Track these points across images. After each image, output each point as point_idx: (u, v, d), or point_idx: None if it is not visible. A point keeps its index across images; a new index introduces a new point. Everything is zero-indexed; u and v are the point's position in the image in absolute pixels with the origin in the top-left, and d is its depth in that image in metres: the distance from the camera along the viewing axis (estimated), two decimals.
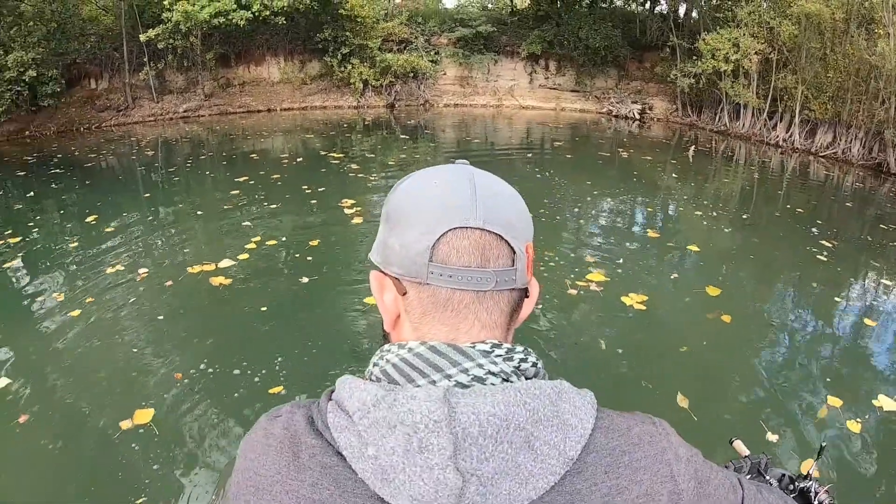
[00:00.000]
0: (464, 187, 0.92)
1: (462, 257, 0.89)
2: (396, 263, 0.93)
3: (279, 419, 0.91)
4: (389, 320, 0.99)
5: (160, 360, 6.03)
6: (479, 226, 0.89)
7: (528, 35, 23.76)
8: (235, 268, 8.08)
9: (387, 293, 0.97)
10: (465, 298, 0.90)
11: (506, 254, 0.91)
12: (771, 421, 4.98)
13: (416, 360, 0.87)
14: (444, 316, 0.91)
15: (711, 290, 7.29)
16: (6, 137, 18.80)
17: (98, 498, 4.26)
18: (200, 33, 21.07)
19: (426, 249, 0.89)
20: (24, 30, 19.35)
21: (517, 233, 0.93)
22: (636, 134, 20.12)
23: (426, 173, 0.99)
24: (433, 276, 0.89)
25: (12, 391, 5.51)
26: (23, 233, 9.77)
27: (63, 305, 7.20)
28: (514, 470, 0.79)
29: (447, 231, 0.89)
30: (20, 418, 5.09)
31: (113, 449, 4.75)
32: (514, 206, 0.97)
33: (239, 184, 12.50)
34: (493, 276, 0.89)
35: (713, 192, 12.95)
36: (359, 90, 23.38)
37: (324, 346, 6.10)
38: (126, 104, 21.64)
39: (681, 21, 22.32)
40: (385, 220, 0.98)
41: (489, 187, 0.95)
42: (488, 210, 0.90)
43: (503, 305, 0.94)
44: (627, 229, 10.11)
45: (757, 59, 17.92)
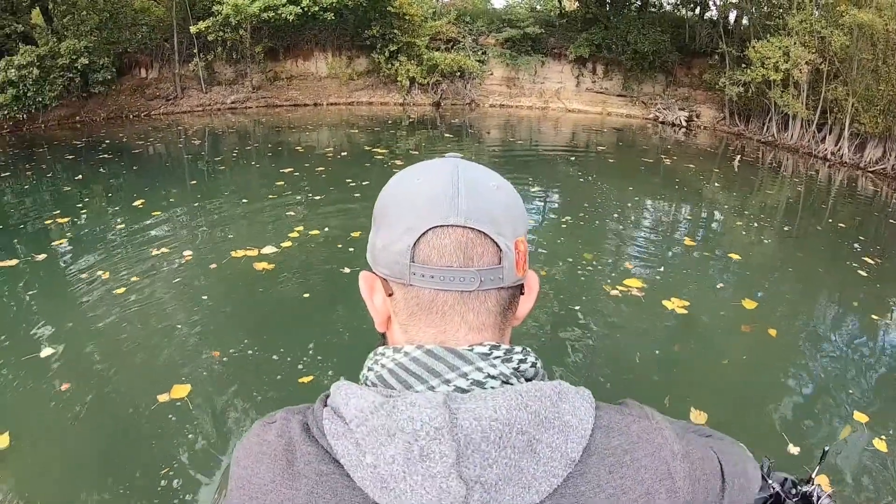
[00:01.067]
0: (446, 182, 0.88)
1: (443, 257, 0.85)
2: (382, 263, 0.91)
3: (273, 426, 0.88)
4: (380, 321, 0.97)
5: (200, 339, 6.12)
6: (460, 223, 0.85)
7: (576, 38, 23.52)
8: (278, 254, 8.11)
9: (376, 294, 0.95)
10: (449, 299, 0.87)
11: (491, 252, 0.87)
12: (793, 434, 4.86)
13: (412, 366, 0.85)
14: (429, 318, 0.88)
15: (748, 303, 7.11)
16: (57, 122, 19.19)
17: (130, 463, 4.39)
18: (250, 27, 21.26)
19: (407, 249, 0.86)
20: (78, 18, 19.80)
21: (504, 229, 0.88)
22: (682, 141, 19.83)
23: (412, 169, 0.95)
24: (415, 278, 0.86)
25: (56, 361, 5.66)
26: (71, 214, 9.95)
27: (108, 283, 7.31)
28: (517, 475, 0.77)
29: (428, 230, 0.85)
30: (62, 386, 5.25)
31: (149, 420, 4.87)
32: (503, 201, 0.91)
33: (284, 175, 12.56)
34: (476, 275, 0.85)
35: (757, 203, 12.71)
36: (405, 88, 23.38)
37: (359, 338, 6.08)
38: (175, 94, 21.97)
39: (731, 28, 21.79)
40: (373, 218, 0.96)
41: (475, 181, 0.90)
42: (471, 206, 0.86)
43: (491, 305, 0.89)
44: (668, 236, 9.96)
45: (807, 69, 17.36)
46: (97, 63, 19.21)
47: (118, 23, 21.02)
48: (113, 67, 20.02)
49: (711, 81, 20.90)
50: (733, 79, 19.36)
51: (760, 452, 2.06)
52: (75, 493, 4.18)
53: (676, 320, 6.76)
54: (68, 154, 15.06)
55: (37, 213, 10.49)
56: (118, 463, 4.42)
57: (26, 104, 17.70)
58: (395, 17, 22.31)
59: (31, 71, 17.37)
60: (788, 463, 4.46)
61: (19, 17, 19.06)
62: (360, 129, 19.34)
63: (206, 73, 22.37)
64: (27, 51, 17.68)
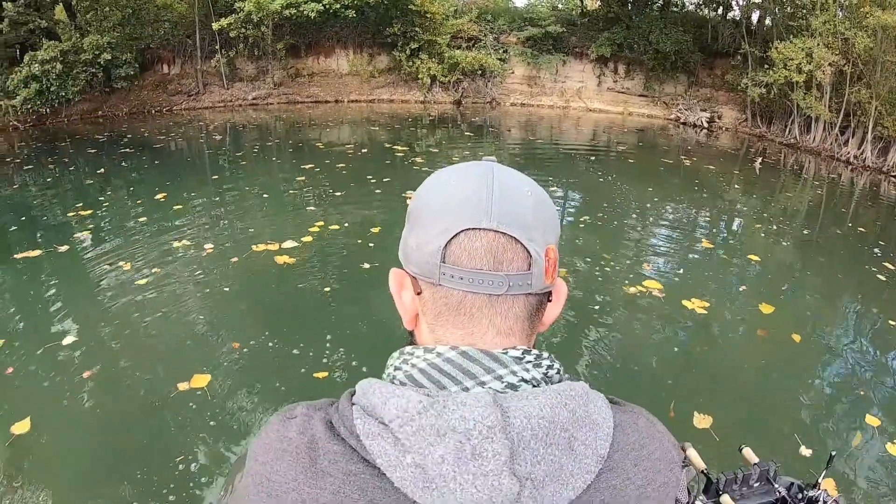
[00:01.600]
0: (481, 186, 0.89)
1: (474, 259, 0.86)
2: (414, 262, 0.91)
3: (294, 421, 0.87)
4: (408, 319, 0.97)
5: (221, 330, 6.16)
6: (492, 227, 0.86)
7: (598, 37, 23.34)
8: (299, 249, 8.12)
9: (405, 292, 0.95)
10: (477, 302, 0.87)
11: (521, 257, 0.87)
12: (806, 437, 4.78)
13: (446, 366, 0.85)
14: (457, 319, 0.89)
15: (765, 307, 7.00)
16: (80, 116, 19.35)
17: (148, 449, 4.46)
18: (272, 24, 21.34)
19: (438, 250, 0.86)
20: (101, 14, 20.02)
21: (536, 235, 0.88)
22: (703, 143, 19.66)
23: (449, 170, 0.96)
24: (445, 278, 0.87)
25: (78, 349, 5.72)
26: (93, 206, 10.01)
27: (130, 274, 7.37)
28: (558, 472, 0.78)
29: (460, 232, 0.86)
30: (84, 373, 5.32)
31: (168, 408, 4.92)
32: (535, 207, 0.91)
33: (304, 170, 12.59)
34: (505, 279, 0.86)
35: (777, 207, 12.55)
36: (426, 85, 23.35)
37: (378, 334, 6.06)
38: (197, 89, 22.09)
39: (753, 28, 21.51)
40: (407, 216, 0.97)
41: (508, 186, 0.90)
42: (504, 210, 0.87)
43: (518, 310, 0.90)
44: (687, 238, 9.83)
45: (830, 71, 17.10)
46: (120, 58, 19.39)
47: (141, 19, 21.24)
48: (135, 63, 20.22)
49: (734, 82, 20.66)
50: (756, 80, 19.12)
51: (772, 454, 2.02)
52: (93, 477, 4.23)
53: (694, 322, 6.68)
54: (90, 148, 15.16)
55: (59, 205, 10.58)
56: (136, 449, 4.46)
57: (49, 98, 17.87)
58: (416, 15, 22.29)
59: (55, 66, 17.52)
60: (801, 465, 4.42)
61: (43, 12, 19.25)
62: (380, 126, 19.34)
63: (227, 69, 22.48)
64: (50, 46, 17.83)
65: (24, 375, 5.31)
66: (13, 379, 5.26)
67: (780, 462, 1.84)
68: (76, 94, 18.41)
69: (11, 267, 7.71)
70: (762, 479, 2.14)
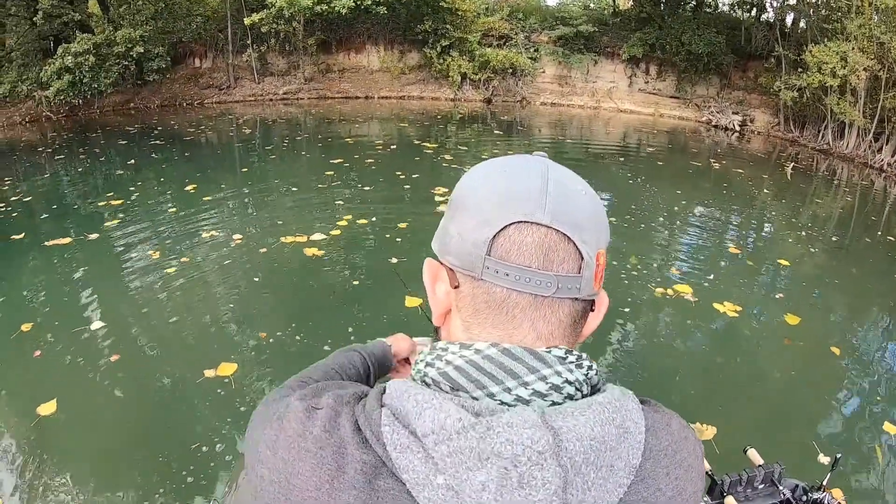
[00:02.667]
0: (534, 178, 0.83)
1: (523, 255, 0.79)
2: (453, 253, 0.85)
3: (319, 413, 0.80)
4: (439, 314, 0.91)
5: (248, 320, 6.15)
6: (545, 222, 0.79)
7: (630, 37, 23.11)
8: (327, 241, 8.09)
9: (439, 284, 0.89)
10: (521, 301, 0.81)
11: (572, 258, 0.81)
12: (826, 444, 4.68)
13: (487, 364, 0.78)
14: (497, 318, 0.82)
15: (792, 315, 6.83)
16: (112, 108, 19.64)
17: (171, 433, 4.50)
18: (303, 19, 21.39)
19: (485, 241, 0.80)
20: (133, 8, 20.32)
21: (588, 237, 0.82)
22: (734, 146, 19.36)
23: (499, 160, 0.90)
24: (488, 272, 0.80)
25: (107, 334, 5.77)
26: (123, 196, 10.07)
27: (159, 262, 7.42)
28: (603, 493, 0.73)
29: (510, 224, 0.80)
30: (112, 357, 5.35)
31: (193, 395, 4.94)
32: (590, 208, 0.85)
33: (333, 165, 12.57)
34: (554, 280, 0.79)
35: (808, 213, 12.27)
36: (456, 83, 23.30)
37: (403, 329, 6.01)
38: (228, 83, 22.24)
39: (787, 31, 21.12)
40: (449, 204, 0.91)
41: (563, 183, 0.85)
42: (558, 206, 0.80)
43: (562, 315, 0.83)
44: (715, 243, 9.59)
45: (865, 76, 16.77)
46: (152, 52, 19.61)
47: (173, 13, 21.50)
48: (167, 56, 20.46)
49: (767, 85, 20.34)
50: (789, 83, 18.82)
51: (786, 457, 1.95)
52: (115, 459, 4.25)
53: (720, 328, 6.53)
54: (121, 139, 15.34)
55: (90, 194, 10.69)
56: (159, 433, 4.50)
57: (82, 90, 18.13)
58: (447, 13, 22.29)
59: (88, 58, 17.74)
60: (818, 472, 4.34)
61: (76, 6, 19.46)
62: (409, 122, 19.33)
63: (259, 63, 22.61)
64: (83, 38, 18.07)
65: (51, 358, 5.36)
66: (41, 362, 5.31)
67: (784, 465, 1.76)
68: (108, 86, 18.67)
69: (42, 253, 7.79)
70: (767, 480, 2.12)
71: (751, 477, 2.05)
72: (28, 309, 6.33)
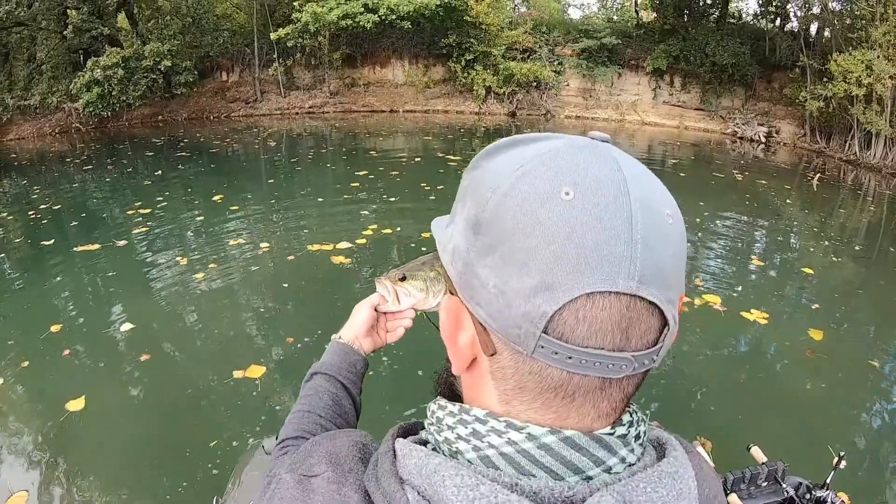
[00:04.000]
0: (617, 212, 0.59)
1: (594, 336, 0.58)
2: (486, 308, 0.63)
3: (314, 483, 0.71)
4: (462, 366, 0.70)
5: (275, 325, 6.19)
6: (630, 290, 0.58)
7: (654, 49, 23.03)
8: (353, 250, 8.10)
9: (463, 333, 0.69)
10: (585, 385, 0.62)
11: (654, 327, 0.61)
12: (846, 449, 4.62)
13: (545, 457, 0.62)
14: (550, 401, 0.63)
15: (815, 332, 6.67)
16: (140, 120, 19.93)
17: (195, 433, 4.51)
18: (328, 34, 21.58)
19: (542, 317, 0.58)
20: (162, 23, 20.70)
21: (673, 291, 0.63)
22: (760, 158, 19.17)
23: (552, 160, 0.63)
24: (542, 352, 0.59)
25: (136, 335, 5.84)
26: (151, 205, 10.17)
27: (186, 268, 7.50)
28: None
29: (580, 295, 0.57)
30: (142, 356, 5.41)
31: (220, 395, 4.97)
32: (677, 243, 0.64)
33: (359, 177, 12.60)
34: (630, 361, 0.60)
35: (834, 225, 12.06)
36: (481, 97, 23.36)
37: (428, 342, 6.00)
38: (255, 97, 22.49)
39: (812, 40, 20.88)
40: (472, 225, 0.65)
41: (651, 209, 0.61)
42: (648, 260, 0.59)
43: (630, 389, 0.66)
44: (739, 255, 9.43)
45: (891, 84, 16.50)
46: (180, 65, 19.92)
47: (201, 28, 21.85)
48: (195, 70, 20.77)
49: (792, 96, 20.09)
50: (814, 93, 18.66)
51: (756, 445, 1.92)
52: (141, 454, 4.30)
53: (744, 341, 6.47)
54: (148, 151, 15.56)
55: (117, 203, 10.83)
56: (185, 430, 4.55)
57: (111, 102, 18.43)
58: (471, 27, 22.35)
59: (116, 71, 18.05)
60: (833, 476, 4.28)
61: (106, 20, 19.84)
62: (433, 136, 19.36)
63: (285, 77, 22.83)
64: (113, 52, 18.41)
65: (80, 357, 5.45)
66: (70, 360, 5.39)
67: (787, 464, 1.74)
68: (137, 99, 18.99)
69: (71, 258, 7.93)
70: (770, 478, 2.10)
71: (754, 475, 2.04)
72: (57, 310, 6.42)
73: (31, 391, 5.05)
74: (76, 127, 18.88)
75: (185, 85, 20.39)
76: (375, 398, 4.87)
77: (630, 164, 0.65)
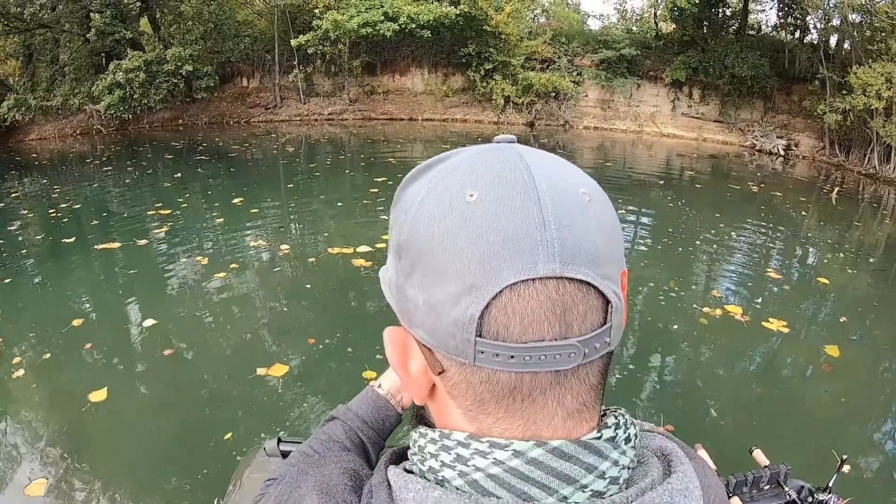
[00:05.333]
0: (522, 198, 0.57)
1: (529, 328, 0.55)
2: (423, 327, 0.61)
3: None
4: (421, 395, 0.68)
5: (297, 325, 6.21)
6: (554, 273, 0.55)
7: (673, 60, 22.89)
8: (373, 253, 8.12)
9: (413, 361, 0.66)
10: (539, 382, 0.58)
11: (596, 307, 0.58)
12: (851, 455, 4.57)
13: (534, 472, 0.58)
14: (511, 406, 0.59)
15: (832, 349, 6.59)
16: (160, 124, 20.12)
17: (215, 423, 4.56)
18: (348, 41, 21.71)
19: (471, 321, 0.55)
20: (184, 28, 20.93)
21: (609, 267, 0.59)
22: (778, 171, 19.05)
23: (454, 171, 0.61)
24: (484, 357, 0.56)
25: (158, 330, 5.88)
26: (171, 206, 10.25)
27: (208, 268, 7.56)
28: None
29: (503, 289, 0.55)
30: (166, 351, 5.46)
31: (241, 391, 4.99)
32: (601, 220, 0.61)
33: (378, 183, 12.64)
34: (578, 348, 0.56)
35: (852, 239, 11.95)
36: (499, 106, 23.34)
37: None
38: (274, 103, 22.61)
39: (831, 52, 20.62)
40: (395, 251, 0.64)
41: (560, 189, 0.59)
42: (566, 239, 0.56)
43: (594, 379, 0.62)
44: (756, 268, 9.30)
45: None
46: (201, 70, 20.10)
47: (222, 33, 22.00)
48: (216, 75, 20.95)
49: (811, 108, 19.92)
50: (833, 106, 18.52)
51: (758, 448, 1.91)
52: (161, 445, 4.33)
53: (759, 356, 6.41)
54: (168, 154, 15.74)
55: (138, 204, 10.91)
56: (205, 423, 4.58)
57: (132, 105, 18.65)
58: (491, 36, 22.38)
59: (138, 75, 18.24)
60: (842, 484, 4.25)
61: (128, 24, 20.02)
62: (453, 144, 19.29)
63: (304, 84, 22.94)
64: (135, 56, 18.61)
65: (102, 351, 5.49)
66: (92, 353, 5.43)
67: (789, 467, 1.73)
68: (158, 102, 19.21)
69: (91, 256, 8.03)
70: (773, 481, 2.08)
71: (756, 478, 2.03)
72: (78, 306, 6.51)
73: (54, 382, 5.08)
74: (97, 129, 19.10)
75: (205, 90, 20.60)
76: None
77: (535, 154, 0.63)
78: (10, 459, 4.15)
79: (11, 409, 4.76)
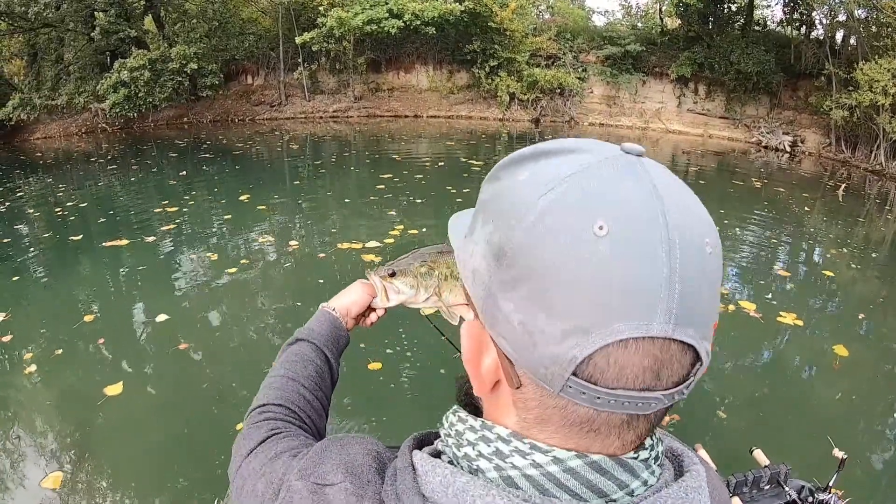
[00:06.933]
0: (656, 249, 0.54)
1: (624, 379, 0.55)
2: (511, 342, 0.59)
3: (331, 493, 0.69)
4: (485, 389, 0.66)
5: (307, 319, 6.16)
6: (665, 334, 0.54)
7: (678, 56, 22.86)
8: (382, 248, 8.11)
9: (486, 358, 0.65)
10: (612, 420, 0.59)
11: (686, 364, 0.57)
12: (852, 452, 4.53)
13: (568, 480, 0.60)
14: (573, 432, 0.60)
15: (840, 349, 6.52)
16: (165, 122, 20.17)
17: (229, 418, 4.49)
18: (353, 39, 21.67)
19: (571, 361, 0.54)
20: (188, 26, 20.96)
21: (710, 325, 0.59)
22: (785, 168, 18.96)
23: (582, 190, 0.57)
24: (571, 392, 0.56)
25: (172, 325, 5.90)
26: (178, 204, 10.26)
27: (218, 263, 7.58)
28: None
29: (612, 342, 0.53)
30: (180, 345, 5.47)
31: (251, 387, 4.95)
32: (715, 276, 0.59)
33: (383, 180, 12.63)
34: (661, 399, 0.57)
35: (859, 236, 11.92)
36: (504, 103, 23.30)
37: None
38: (279, 101, 22.64)
39: (838, 48, 20.53)
40: (495, 253, 0.60)
41: (688, 239, 0.56)
42: (687, 298, 0.54)
43: (655, 419, 0.63)
44: (762, 266, 9.25)
45: None
46: (205, 68, 20.13)
47: (227, 31, 22.03)
48: (220, 73, 21.00)
49: (817, 105, 19.80)
50: (839, 102, 18.40)
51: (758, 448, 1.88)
52: (177, 437, 4.37)
53: (765, 355, 6.37)
54: (173, 152, 15.77)
55: (144, 201, 10.93)
56: (218, 418, 4.60)
57: (137, 104, 18.69)
58: (495, 33, 22.36)
59: (143, 73, 18.24)
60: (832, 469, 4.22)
61: (133, 22, 20.02)
62: (456, 141, 19.36)
63: (309, 81, 22.96)
64: (139, 54, 18.61)
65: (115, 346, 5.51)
66: (105, 348, 5.45)
67: (789, 466, 1.70)
68: (163, 100, 19.25)
69: (99, 253, 8.01)
70: (773, 481, 2.07)
71: (757, 478, 2.03)
72: (88, 302, 6.51)
73: (67, 378, 5.09)
74: (102, 127, 19.13)
75: (210, 88, 20.66)
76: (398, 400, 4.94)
77: (667, 184, 0.60)
78: (25, 453, 4.17)
79: (26, 405, 4.79)
